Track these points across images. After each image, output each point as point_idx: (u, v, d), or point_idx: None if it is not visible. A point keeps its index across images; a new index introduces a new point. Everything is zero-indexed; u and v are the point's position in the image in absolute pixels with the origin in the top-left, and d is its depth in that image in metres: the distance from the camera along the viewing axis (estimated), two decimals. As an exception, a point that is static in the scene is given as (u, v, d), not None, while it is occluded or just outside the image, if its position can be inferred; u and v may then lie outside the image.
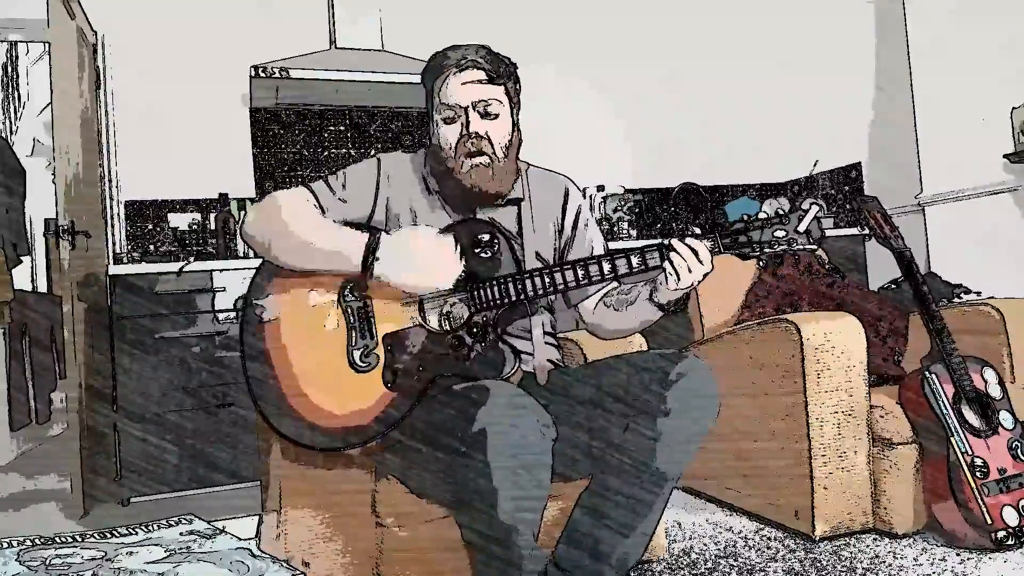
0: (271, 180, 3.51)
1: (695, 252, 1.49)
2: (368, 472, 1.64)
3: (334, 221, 1.59)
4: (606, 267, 1.52)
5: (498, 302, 1.53)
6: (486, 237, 1.56)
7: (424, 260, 1.49)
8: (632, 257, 1.52)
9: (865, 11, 3.82)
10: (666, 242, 1.50)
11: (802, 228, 1.50)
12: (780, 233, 1.50)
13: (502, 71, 1.60)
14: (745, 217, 1.52)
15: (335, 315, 1.54)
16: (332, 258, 1.51)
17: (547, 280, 1.53)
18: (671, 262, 1.49)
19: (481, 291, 1.54)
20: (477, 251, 1.55)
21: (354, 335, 1.53)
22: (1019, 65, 3.03)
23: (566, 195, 1.74)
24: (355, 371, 1.52)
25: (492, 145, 1.58)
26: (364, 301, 1.54)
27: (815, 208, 1.51)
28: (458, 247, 1.52)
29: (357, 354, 1.53)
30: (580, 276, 1.52)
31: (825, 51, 3.88)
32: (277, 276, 1.58)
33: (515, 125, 1.63)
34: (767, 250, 1.51)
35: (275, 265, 1.58)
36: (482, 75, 1.58)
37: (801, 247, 1.51)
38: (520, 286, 1.53)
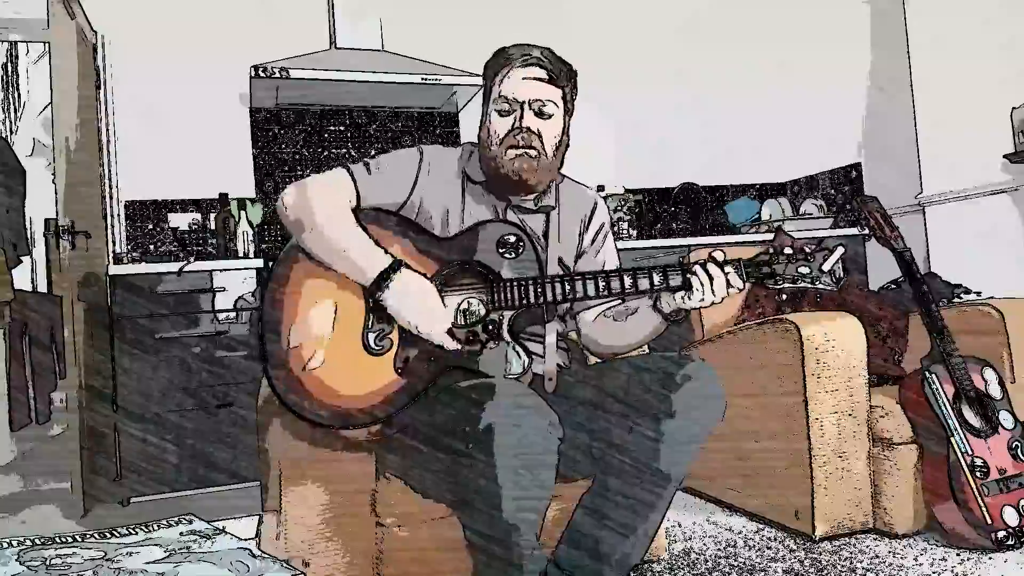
0: (271, 180, 3.51)
1: (719, 280, 1.51)
2: (368, 472, 1.64)
3: (368, 206, 1.60)
4: (627, 281, 1.54)
5: (516, 303, 1.54)
6: (512, 239, 1.57)
7: (425, 307, 1.51)
8: (655, 274, 1.53)
9: (865, 11, 3.82)
10: (695, 268, 1.52)
11: (826, 268, 1.51)
12: (804, 270, 1.52)
13: (562, 74, 1.64)
14: (771, 249, 1.53)
15: (356, 296, 1.55)
16: (352, 270, 1.54)
17: (566, 287, 1.54)
18: (696, 276, 1.51)
19: (500, 290, 1.54)
20: (502, 251, 1.57)
21: (371, 317, 1.54)
22: (1019, 65, 3.03)
23: (593, 209, 1.78)
24: (368, 353, 1.53)
25: (541, 141, 1.61)
26: None
27: (840, 250, 1.51)
28: (455, 314, 1.55)
29: (372, 336, 1.53)
30: (600, 287, 1.54)
31: (825, 51, 3.88)
32: (298, 259, 1.59)
33: (565, 129, 1.66)
34: (789, 285, 1.52)
35: (292, 254, 1.60)
36: (543, 74, 1.61)
37: (823, 286, 1.52)
38: (539, 290, 1.54)
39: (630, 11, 3.97)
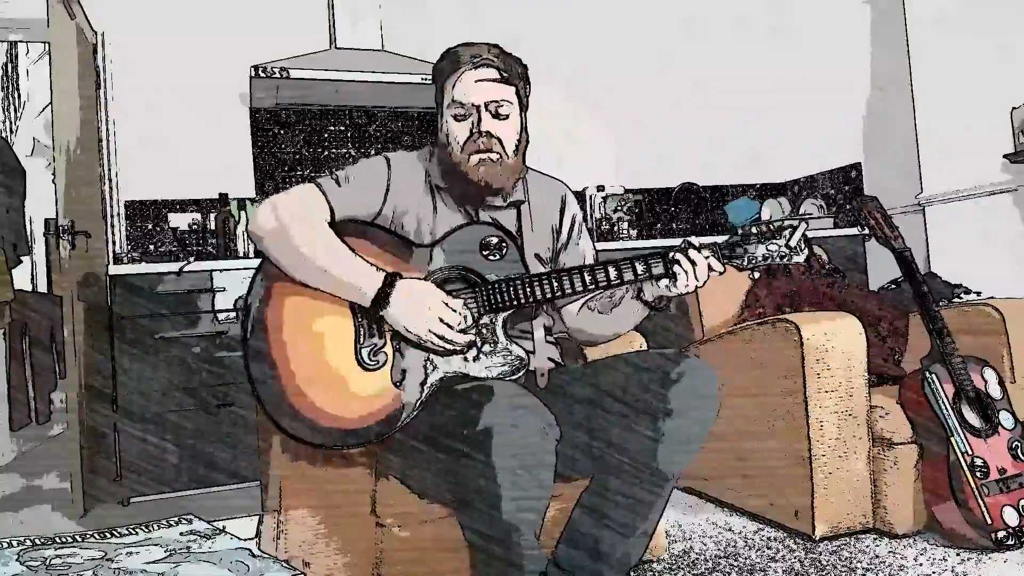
0: (271, 180, 3.51)
1: (701, 265, 1.53)
2: (368, 472, 1.64)
3: (341, 219, 1.58)
4: (612, 273, 1.54)
5: (506, 304, 1.54)
6: (495, 240, 1.57)
7: (433, 316, 1.50)
8: (638, 265, 1.55)
9: (865, 11, 3.82)
10: (672, 255, 1.54)
11: (792, 243, 1.56)
12: (773, 247, 1.56)
13: (514, 71, 1.62)
14: (740, 230, 1.57)
15: (344, 312, 1.54)
16: (345, 290, 1.52)
17: (553, 284, 1.54)
18: (679, 264, 1.52)
19: (489, 293, 1.54)
20: (485, 253, 1.57)
21: (363, 333, 1.53)
22: (1019, 65, 3.02)
23: (563, 201, 1.76)
24: (363, 369, 1.52)
25: (502, 144, 1.60)
26: None
27: (803, 225, 1.56)
28: (466, 315, 1.53)
29: (365, 352, 1.53)
30: (587, 281, 1.54)
31: (825, 51, 3.88)
32: (279, 278, 1.57)
33: (523, 126, 1.65)
34: (761, 263, 1.57)
35: (272, 273, 1.57)
36: (495, 74, 1.59)
37: (793, 261, 1.57)
38: (528, 289, 1.54)
39: (630, 11, 3.97)
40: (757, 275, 1.64)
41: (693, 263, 1.52)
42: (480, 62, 1.59)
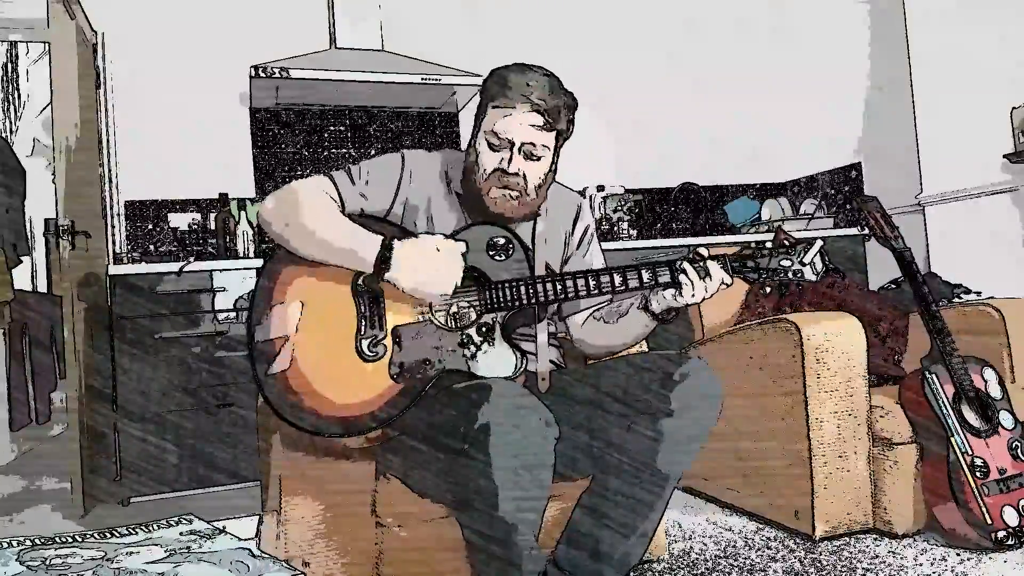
0: (271, 180, 3.51)
1: (712, 276, 1.52)
2: (368, 472, 1.64)
3: (352, 212, 1.60)
4: (617, 279, 1.54)
5: (507, 304, 1.54)
6: (501, 240, 1.57)
7: (433, 269, 1.50)
8: (643, 272, 1.54)
9: (864, 11, 3.82)
10: (679, 264, 1.53)
11: (807, 260, 1.54)
12: (786, 263, 1.54)
13: (561, 115, 1.59)
14: (754, 244, 1.56)
15: (347, 303, 1.55)
16: (347, 257, 1.53)
17: (557, 286, 1.54)
18: (685, 274, 1.52)
19: (491, 292, 1.54)
20: (491, 254, 1.57)
21: (364, 324, 1.54)
22: (1018, 65, 3.02)
23: (578, 211, 1.77)
24: (362, 360, 1.53)
25: (526, 183, 1.59)
26: (376, 292, 1.55)
27: (819, 242, 1.55)
28: (464, 252, 1.52)
29: (365, 343, 1.53)
30: (591, 286, 1.54)
31: (825, 51, 3.88)
32: (286, 268, 1.58)
33: (553, 165, 1.64)
34: (772, 278, 1.55)
35: (280, 263, 1.59)
36: (539, 120, 1.57)
37: (805, 278, 1.55)
38: (531, 290, 1.54)
39: (630, 11, 3.97)
40: (768, 290, 1.61)
41: (700, 274, 1.52)
42: (531, 107, 1.56)
